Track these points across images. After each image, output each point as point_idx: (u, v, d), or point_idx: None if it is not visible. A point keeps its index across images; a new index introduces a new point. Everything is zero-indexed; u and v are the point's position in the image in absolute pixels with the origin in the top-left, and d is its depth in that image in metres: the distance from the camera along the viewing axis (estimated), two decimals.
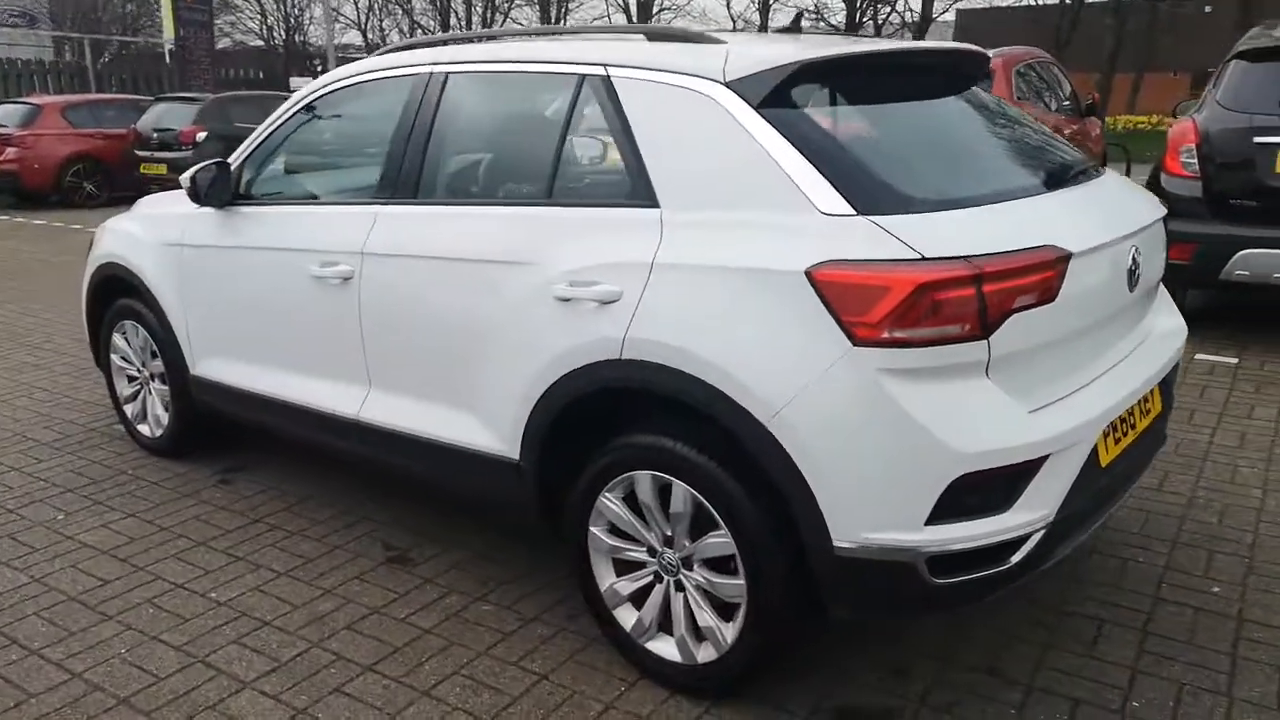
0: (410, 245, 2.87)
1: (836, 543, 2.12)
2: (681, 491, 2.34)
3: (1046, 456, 2.11)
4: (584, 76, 2.60)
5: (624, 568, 2.58)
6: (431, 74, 2.96)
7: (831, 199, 2.14)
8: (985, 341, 2.05)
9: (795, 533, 2.21)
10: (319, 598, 3.02)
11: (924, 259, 2.02)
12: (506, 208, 2.74)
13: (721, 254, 2.24)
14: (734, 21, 34.00)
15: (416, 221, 2.89)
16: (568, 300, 2.46)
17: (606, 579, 2.60)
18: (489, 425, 2.74)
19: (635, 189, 2.44)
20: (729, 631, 2.36)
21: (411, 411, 2.96)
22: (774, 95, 2.29)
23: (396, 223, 2.94)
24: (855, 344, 2.04)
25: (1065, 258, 2.16)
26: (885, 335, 2.02)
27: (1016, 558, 2.16)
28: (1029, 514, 2.13)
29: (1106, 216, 2.50)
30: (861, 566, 2.12)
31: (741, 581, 2.29)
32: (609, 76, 2.54)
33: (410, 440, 2.96)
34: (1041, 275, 2.11)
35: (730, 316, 2.20)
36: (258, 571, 3.19)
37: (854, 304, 2.04)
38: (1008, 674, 2.58)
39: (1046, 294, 2.14)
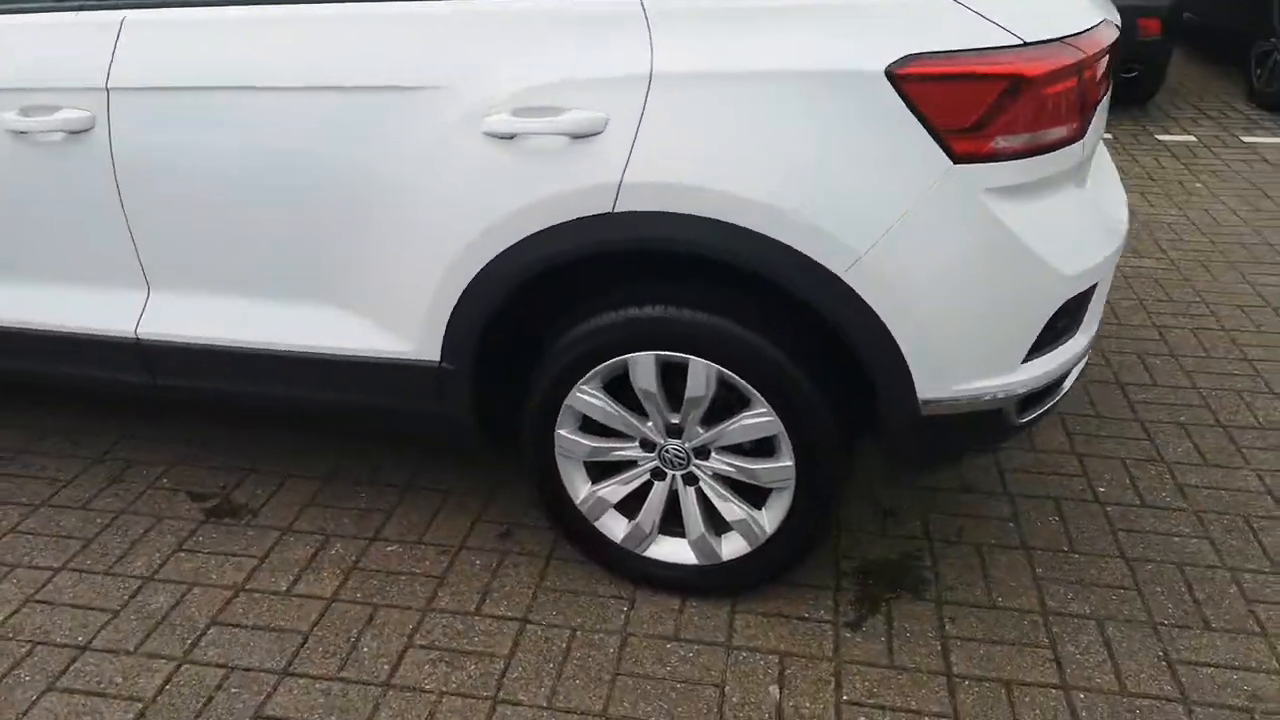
0: (194, 69, 1.91)
1: (923, 400, 1.78)
2: (702, 370, 1.86)
3: None
4: None
5: (603, 471, 2.07)
6: None
7: None
8: (1081, 143, 1.73)
9: (862, 398, 1.84)
10: (138, 592, 2.16)
11: (1026, 44, 1.62)
12: (382, 2, 1.87)
13: (754, 55, 1.66)
14: None
15: (209, 31, 1.92)
16: (510, 137, 1.75)
17: (582, 488, 2.08)
18: (384, 323, 2.00)
19: None
20: (766, 520, 1.98)
21: (242, 316, 2.09)
22: None
23: (167, 35, 1.93)
24: (955, 161, 1.63)
25: (1116, 39, 1.88)
26: (991, 146, 1.62)
27: (1067, 385, 1.98)
28: (1087, 337, 1.94)
29: None
30: (944, 423, 1.82)
31: (788, 463, 1.90)
32: None
33: (244, 356, 2.11)
34: (1109, 58, 1.81)
35: (780, 142, 1.67)
36: (15, 575, 2.22)
37: (952, 110, 1.61)
38: (982, 488, 2.49)
39: (1107, 83, 1.86)
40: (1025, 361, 1.80)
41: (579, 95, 1.72)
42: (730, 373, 1.85)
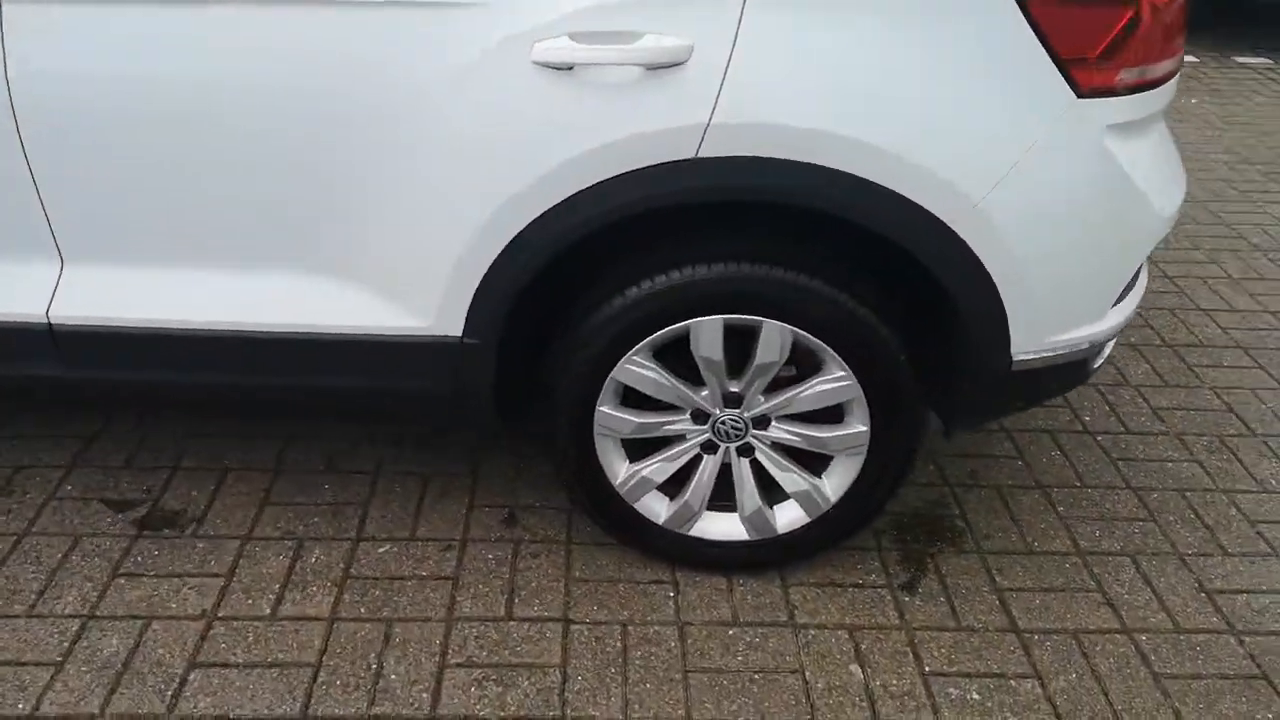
0: None
1: (1017, 355, 1.67)
2: (776, 334, 1.66)
3: None
4: None
5: (642, 449, 1.85)
6: None
7: None
8: (1174, 80, 1.63)
9: (948, 355, 1.71)
10: (80, 635, 1.76)
11: None
12: None
13: None
14: None
15: None
16: (568, 68, 1.45)
17: (620, 468, 1.85)
18: (395, 295, 1.67)
19: None
20: (829, 488, 1.83)
21: (202, 292, 1.69)
22: None
23: None
24: (1080, 95, 1.48)
25: None
26: (1117, 78, 1.49)
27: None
28: (1145, 278, 1.89)
29: None
30: (1030, 376, 1.72)
31: (862, 428, 1.75)
32: None
33: (203, 341, 1.71)
34: None
35: (890, 75, 1.46)
36: None
37: (1080, 37, 1.46)
38: None
39: None
40: (1114, 306, 1.72)
41: (658, 17, 1.43)
42: (809, 335, 1.66)
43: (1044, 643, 1.85)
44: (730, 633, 1.84)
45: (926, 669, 1.79)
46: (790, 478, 1.84)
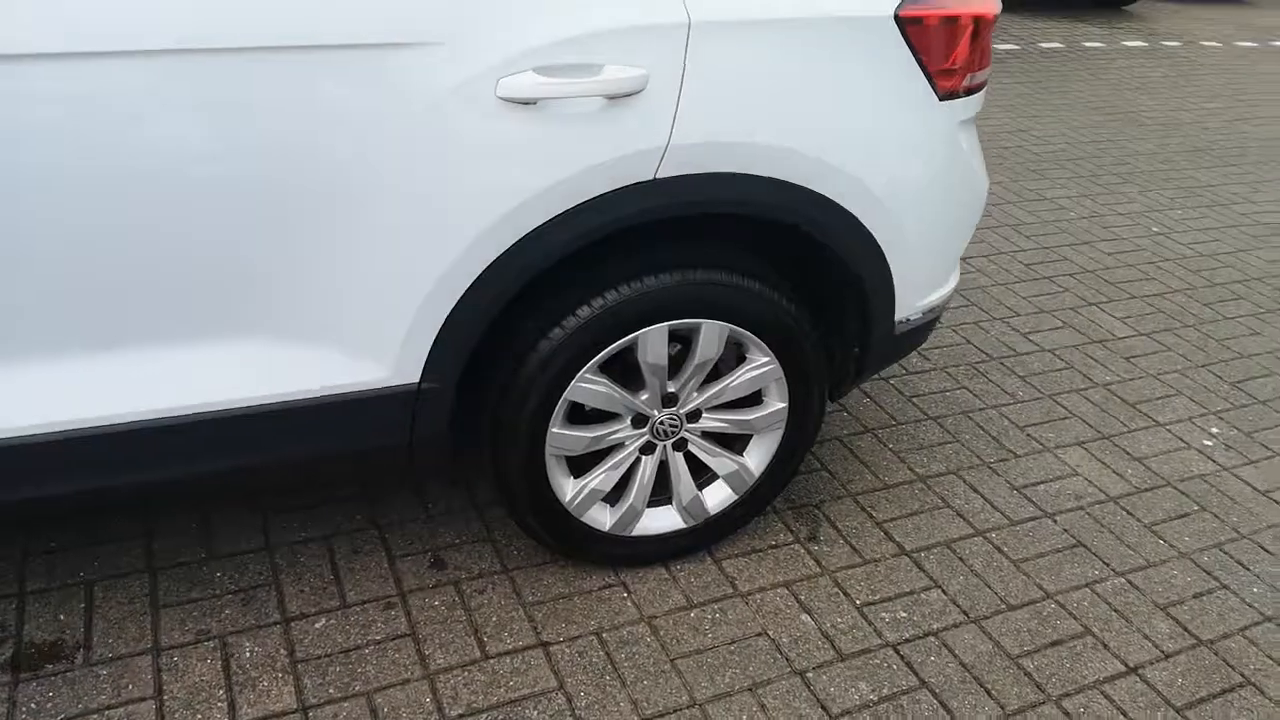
0: (40, 26, 1.25)
1: (898, 319, 1.97)
2: (715, 332, 1.81)
3: None
4: None
5: (583, 463, 1.91)
6: None
7: None
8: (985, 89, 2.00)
9: (846, 328, 1.97)
10: None
11: None
12: None
13: (781, 1, 1.61)
14: None
15: None
16: (531, 102, 1.48)
17: (568, 485, 1.90)
18: (350, 349, 1.57)
19: None
20: (753, 463, 2.02)
21: (117, 379, 1.47)
22: None
23: None
24: (940, 99, 1.79)
25: None
26: (962, 84, 1.81)
27: None
28: None
29: None
30: (905, 336, 2.03)
31: (781, 405, 1.96)
32: None
33: (116, 438, 1.49)
34: None
35: (811, 90, 1.66)
36: None
37: (937, 50, 1.76)
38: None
39: None
40: (955, 270, 2.07)
41: (617, 48, 1.50)
42: (741, 329, 1.82)
43: (929, 557, 2.19)
44: (692, 615, 1.96)
45: (858, 602, 2.04)
46: (720, 461, 1.99)
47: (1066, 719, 1.82)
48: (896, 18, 1.69)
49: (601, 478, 1.91)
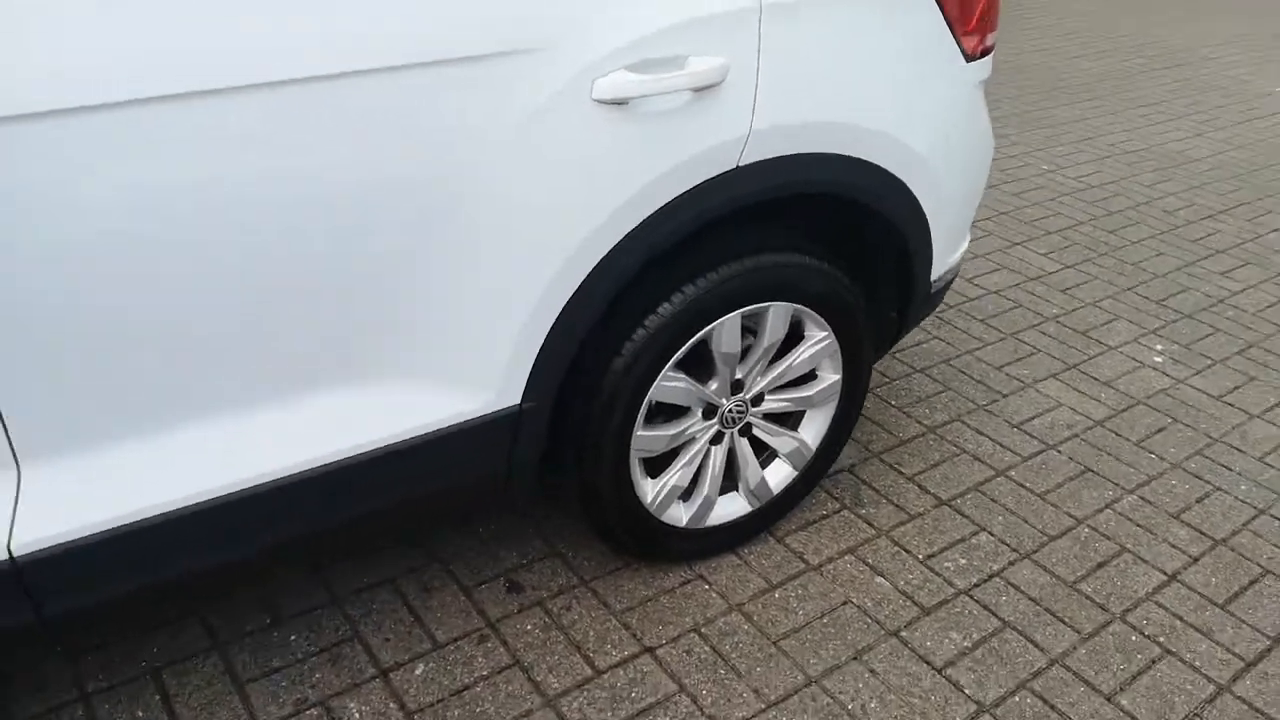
0: (122, 70, 1.12)
1: (934, 279, 2.04)
2: (783, 313, 1.83)
3: None
4: None
5: (659, 462, 1.90)
6: None
7: None
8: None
9: (885, 294, 2.02)
10: None
11: None
12: None
13: None
14: None
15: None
16: (620, 103, 1.44)
17: (649, 487, 1.88)
18: (455, 377, 1.50)
19: None
20: (810, 437, 2.06)
21: (215, 447, 1.35)
22: None
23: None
24: (967, 60, 1.85)
25: None
26: (984, 45, 1.88)
27: None
28: None
29: None
30: (935, 295, 2.11)
31: (836, 377, 2.00)
32: None
33: (219, 511, 1.37)
34: None
35: (865, 63, 1.68)
36: None
37: (962, 13, 1.82)
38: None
39: None
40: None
41: (698, 39, 1.48)
42: (804, 307, 1.84)
43: (965, 503, 2.29)
44: (776, 596, 1.98)
45: (920, 556, 2.11)
46: (782, 440, 2.01)
47: (1134, 632, 1.95)
48: None
49: (679, 474, 1.89)
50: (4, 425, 1.19)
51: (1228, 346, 3.05)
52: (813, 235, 1.91)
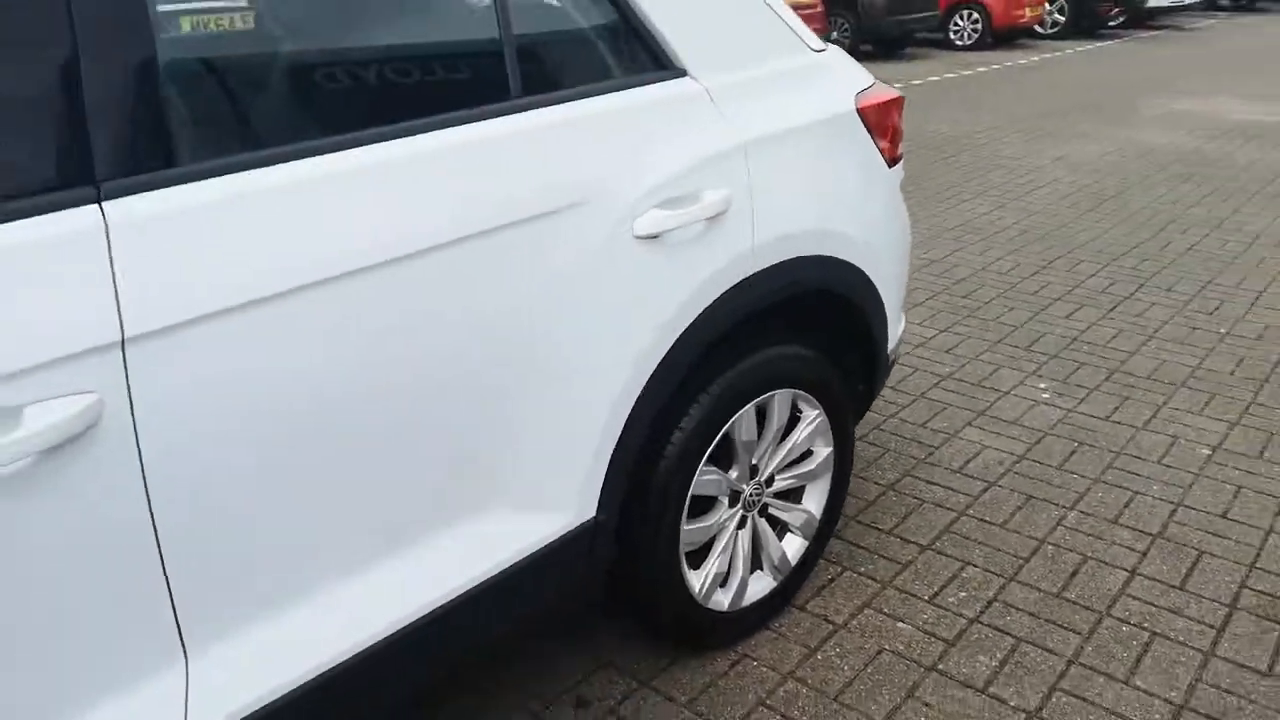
0: (269, 271, 1.23)
1: (889, 352, 2.33)
2: (787, 399, 2.06)
3: None
4: None
5: (695, 556, 2.06)
6: None
7: (809, 37, 2.09)
8: None
9: (852, 370, 2.30)
10: None
11: (874, 81, 2.26)
12: (473, 126, 1.45)
13: (784, 113, 1.92)
14: None
15: (245, 214, 1.22)
16: (655, 237, 1.67)
17: (695, 578, 2.03)
18: (541, 500, 1.62)
19: (644, 53, 1.73)
20: (814, 507, 2.27)
21: (338, 606, 1.41)
22: None
23: (189, 232, 1.17)
24: (889, 166, 2.20)
25: None
26: (896, 153, 2.24)
27: None
28: None
29: None
30: (888, 366, 2.40)
31: (829, 449, 2.23)
32: None
33: (347, 673, 1.43)
34: None
35: (818, 178, 1.98)
36: None
37: (880, 129, 2.16)
38: None
39: None
40: None
41: (706, 176, 1.73)
42: (801, 391, 2.08)
43: (943, 545, 2.54)
44: (819, 658, 2.14)
45: (925, 598, 2.33)
46: (794, 514, 2.21)
47: (1122, 624, 2.23)
48: (857, 110, 2.07)
49: (717, 561, 2.05)
50: (176, 617, 1.23)
51: (1095, 376, 3.51)
52: (792, 326, 2.16)
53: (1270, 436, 3.07)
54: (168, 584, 1.20)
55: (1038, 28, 14.91)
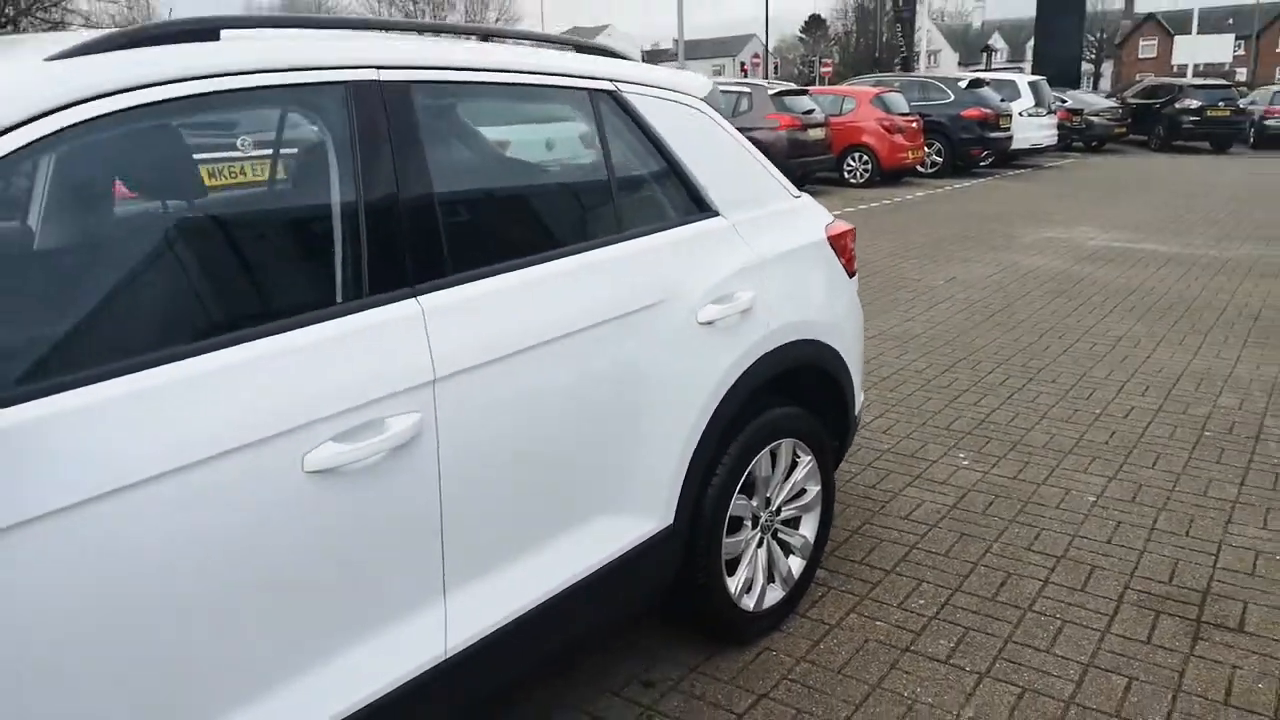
0: (509, 337, 1.94)
1: (856, 415, 3.10)
2: (790, 446, 2.78)
3: None
4: (592, 91, 2.32)
5: (731, 564, 2.73)
6: (380, 83, 1.84)
7: (791, 188, 2.92)
8: None
9: (835, 427, 3.05)
10: None
11: (835, 218, 3.10)
12: (597, 251, 2.18)
13: (781, 240, 2.72)
14: None
15: (498, 303, 1.93)
16: (712, 323, 2.41)
17: (731, 583, 2.69)
18: (640, 508, 2.29)
19: (693, 202, 2.52)
20: (809, 533, 2.97)
21: (535, 568, 2.05)
22: (712, 107, 2.77)
23: (468, 313, 1.87)
24: (850, 277, 3.02)
25: None
26: (853, 268, 3.06)
27: None
28: None
29: None
30: (856, 424, 3.17)
31: (818, 488, 2.96)
32: (617, 92, 2.38)
33: (542, 613, 2.06)
34: None
35: (806, 284, 2.78)
36: None
37: (843, 249, 2.99)
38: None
39: None
40: None
41: (737, 283, 2.49)
42: (799, 440, 2.81)
43: (902, 569, 3.25)
44: (822, 647, 2.79)
45: (894, 604, 3.03)
46: (795, 538, 2.90)
47: (1041, 615, 2.96)
48: (827, 238, 2.89)
49: (747, 570, 2.72)
50: (443, 566, 1.85)
51: (1002, 448, 4.35)
52: (787, 393, 2.90)
53: (1139, 487, 3.92)
54: (442, 543, 1.82)
55: (920, 168, 16.64)
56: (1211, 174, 17.93)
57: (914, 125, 15.84)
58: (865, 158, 15.64)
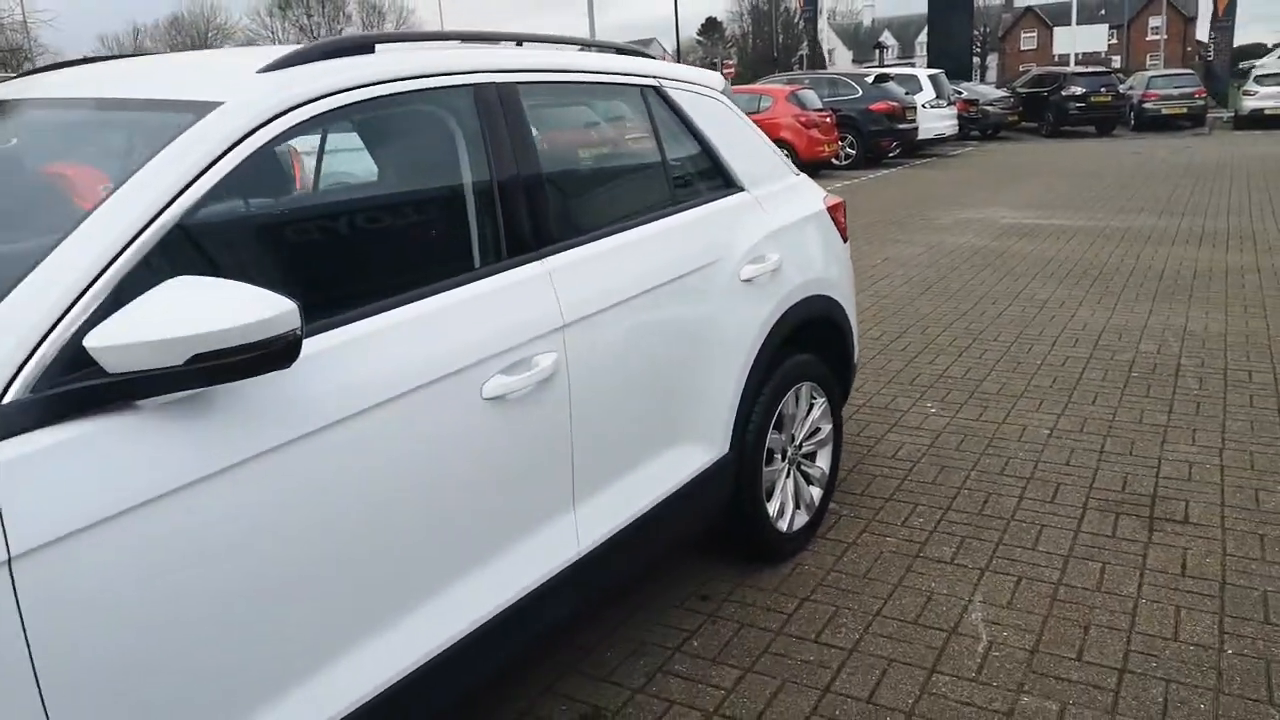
0: (611, 291, 2.33)
1: (855, 362, 3.57)
2: (808, 389, 3.23)
3: None
4: (643, 88, 2.73)
5: (768, 492, 3.16)
6: (495, 85, 2.22)
7: (792, 168, 3.38)
8: None
9: (840, 373, 3.51)
10: None
11: (827, 193, 3.57)
12: (662, 220, 2.58)
13: (794, 211, 3.17)
14: None
15: (599, 263, 2.32)
16: (751, 280, 2.84)
17: (770, 507, 3.12)
18: (704, 438, 2.70)
19: (724, 179, 2.94)
20: (824, 466, 3.42)
21: (633, 486, 2.45)
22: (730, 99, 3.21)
23: (580, 272, 2.26)
24: (843, 241, 3.48)
25: None
26: (845, 234, 3.53)
27: None
28: None
29: None
30: (854, 370, 3.64)
31: (829, 426, 3.42)
32: (660, 87, 2.79)
33: (638, 524, 2.46)
34: None
35: (816, 248, 3.23)
36: None
37: (837, 219, 3.45)
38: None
39: None
40: None
41: (767, 247, 2.93)
42: (815, 384, 3.26)
43: (900, 493, 3.73)
44: (846, 559, 3.24)
45: (899, 523, 3.50)
46: (814, 470, 3.35)
47: (1023, 524, 3.47)
48: (825, 208, 3.35)
49: (780, 497, 3.15)
50: (575, 483, 2.23)
51: (962, 396, 4.88)
52: (800, 342, 3.34)
53: (1085, 420, 4.48)
54: (573, 462, 2.20)
55: (835, 160, 17.42)
56: (1100, 155, 19.19)
57: (828, 120, 16.59)
58: (784, 152, 16.28)
